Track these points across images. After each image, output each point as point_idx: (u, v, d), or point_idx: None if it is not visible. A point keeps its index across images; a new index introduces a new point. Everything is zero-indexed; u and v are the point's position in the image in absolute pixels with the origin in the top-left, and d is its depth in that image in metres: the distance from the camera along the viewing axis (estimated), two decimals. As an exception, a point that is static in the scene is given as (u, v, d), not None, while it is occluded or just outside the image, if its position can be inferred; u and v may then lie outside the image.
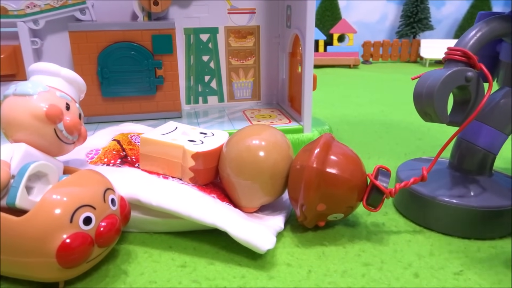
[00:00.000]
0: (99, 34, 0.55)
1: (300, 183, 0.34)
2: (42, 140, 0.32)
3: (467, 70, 0.34)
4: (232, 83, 0.66)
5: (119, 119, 0.58)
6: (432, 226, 0.37)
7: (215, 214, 0.33)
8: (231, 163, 0.36)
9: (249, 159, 0.36)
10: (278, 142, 0.37)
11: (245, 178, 0.36)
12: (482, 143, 0.39)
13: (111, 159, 0.40)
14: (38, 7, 0.55)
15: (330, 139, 0.36)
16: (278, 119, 0.59)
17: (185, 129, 0.42)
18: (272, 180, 0.36)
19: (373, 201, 0.34)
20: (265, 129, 0.38)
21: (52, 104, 0.31)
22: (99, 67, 0.55)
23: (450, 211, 0.36)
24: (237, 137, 0.38)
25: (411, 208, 0.39)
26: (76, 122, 0.33)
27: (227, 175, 0.37)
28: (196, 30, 0.62)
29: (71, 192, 0.29)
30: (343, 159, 0.34)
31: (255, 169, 0.35)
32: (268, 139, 0.37)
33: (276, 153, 0.36)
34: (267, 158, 0.36)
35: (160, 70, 0.57)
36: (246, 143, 0.36)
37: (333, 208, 0.34)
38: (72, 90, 0.35)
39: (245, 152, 0.36)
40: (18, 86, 0.32)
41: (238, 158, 0.36)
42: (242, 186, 0.36)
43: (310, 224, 0.36)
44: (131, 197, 0.34)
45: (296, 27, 0.57)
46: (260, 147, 0.36)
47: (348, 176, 0.34)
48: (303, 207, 0.34)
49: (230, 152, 0.37)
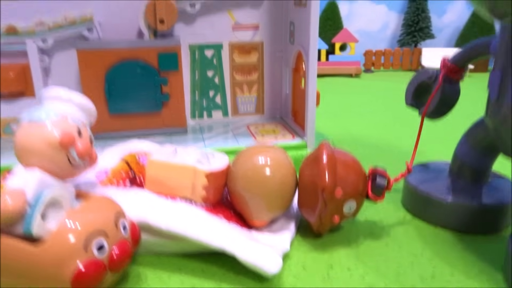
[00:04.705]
0: (106, 52, 0.56)
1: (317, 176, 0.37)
2: (55, 166, 0.32)
3: (430, 71, 0.45)
4: (236, 98, 0.67)
5: (125, 135, 0.59)
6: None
7: (223, 237, 0.34)
8: (241, 180, 0.38)
9: (257, 176, 0.38)
10: (281, 160, 0.39)
11: (254, 194, 0.38)
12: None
13: (120, 180, 0.41)
14: (47, 26, 0.56)
15: (332, 149, 0.39)
16: (282, 134, 0.60)
17: (185, 151, 0.43)
18: (279, 195, 0.38)
19: (376, 191, 0.39)
20: (268, 148, 0.40)
21: (65, 131, 0.32)
22: (107, 85, 0.56)
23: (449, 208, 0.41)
24: (244, 156, 0.40)
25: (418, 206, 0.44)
26: (87, 148, 0.34)
27: (238, 192, 0.39)
28: (201, 46, 0.63)
29: (84, 220, 0.30)
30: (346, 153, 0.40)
31: (263, 186, 0.38)
32: (273, 157, 0.39)
33: (281, 170, 0.38)
34: (273, 175, 0.38)
35: (166, 87, 0.58)
36: (253, 161, 0.38)
37: (348, 192, 0.37)
38: (83, 115, 0.36)
39: (251, 170, 0.38)
40: (32, 113, 0.33)
41: (246, 176, 0.38)
42: (252, 201, 0.38)
43: (326, 223, 0.38)
44: (140, 220, 0.35)
45: (300, 44, 0.58)
46: (266, 165, 0.38)
47: (356, 164, 0.39)
48: (323, 192, 0.37)
49: (239, 170, 0.39)
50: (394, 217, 0.44)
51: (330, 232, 0.41)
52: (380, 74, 1.34)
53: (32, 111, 0.33)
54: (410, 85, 0.48)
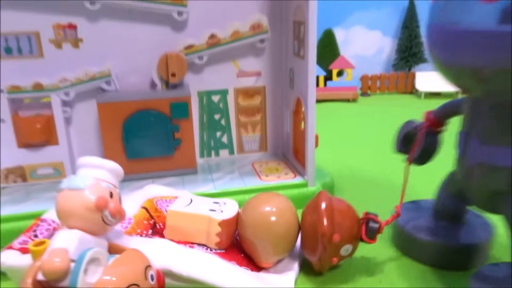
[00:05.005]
0: (123, 104, 0.61)
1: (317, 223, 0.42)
2: (91, 225, 0.38)
3: (416, 123, 0.50)
4: (242, 137, 0.73)
5: (141, 177, 0.64)
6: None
7: (236, 282, 0.40)
8: (250, 227, 0.44)
9: (264, 223, 0.44)
10: (284, 207, 0.45)
11: (262, 239, 0.44)
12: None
13: (143, 229, 0.46)
14: (69, 81, 0.62)
15: (330, 198, 0.45)
16: (285, 173, 0.65)
17: (200, 200, 0.49)
18: (283, 239, 0.44)
19: (369, 235, 0.44)
20: (272, 196, 0.46)
21: (99, 196, 0.38)
22: (124, 133, 0.62)
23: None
24: (251, 204, 0.46)
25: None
26: (118, 208, 0.39)
27: (247, 237, 0.45)
28: (209, 92, 0.69)
29: (119, 273, 0.35)
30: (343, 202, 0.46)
31: (269, 231, 0.44)
32: (277, 205, 0.45)
33: (285, 217, 0.44)
34: (278, 222, 0.44)
35: (178, 133, 0.64)
36: (260, 210, 0.45)
37: (345, 238, 0.43)
38: (113, 178, 0.41)
39: (260, 217, 0.44)
40: (71, 182, 0.38)
41: (255, 223, 0.44)
42: (260, 245, 0.44)
43: (326, 264, 0.43)
44: (164, 267, 0.40)
45: (299, 91, 0.64)
46: (272, 213, 0.44)
47: (351, 210, 0.45)
48: (323, 238, 0.42)
49: (248, 218, 0.45)
50: (386, 255, 0.49)
51: (330, 270, 0.47)
52: (376, 97, 1.40)
53: (70, 179, 0.39)
54: (398, 134, 0.53)
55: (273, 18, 0.67)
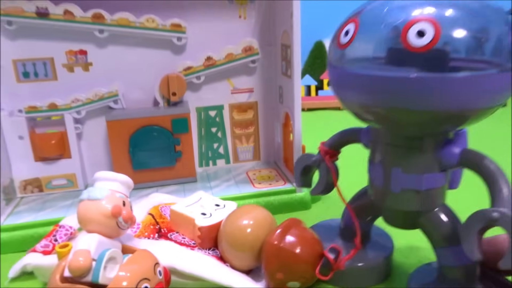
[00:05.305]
0: (130, 121, 0.68)
1: (264, 255, 0.46)
2: (108, 230, 0.45)
3: (313, 156, 0.53)
4: (237, 148, 0.80)
5: (146, 185, 0.71)
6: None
7: (231, 278, 0.47)
8: (226, 238, 0.50)
9: (240, 235, 0.48)
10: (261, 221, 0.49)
11: (236, 250, 0.49)
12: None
13: (150, 233, 0.53)
14: (81, 101, 0.69)
15: (291, 223, 0.48)
16: (275, 180, 0.72)
17: (205, 200, 0.56)
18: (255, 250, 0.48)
19: (323, 271, 0.46)
20: (253, 210, 0.51)
21: (114, 205, 0.45)
22: (131, 147, 0.69)
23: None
24: (232, 217, 0.51)
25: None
26: (130, 215, 0.46)
27: (223, 245, 0.50)
28: (206, 108, 0.76)
29: (133, 269, 0.42)
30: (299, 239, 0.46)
31: (243, 243, 0.48)
32: (256, 217, 0.50)
33: (261, 230, 0.48)
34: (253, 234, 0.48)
35: (179, 146, 0.71)
36: (238, 223, 0.49)
37: (289, 277, 0.45)
38: (125, 189, 0.48)
39: (237, 230, 0.49)
40: (90, 193, 0.45)
41: (231, 235, 0.49)
42: (233, 254, 0.49)
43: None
44: (169, 265, 0.47)
45: (287, 106, 0.71)
46: (248, 226, 0.49)
47: (300, 253, 0.45)
48: (266, 274, 0.46)
49: (226, 229, 0.50)
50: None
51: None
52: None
53: (90, 190, 0.46)
54: (296, 169, 0.54)
55: (263, 41, 0.74)
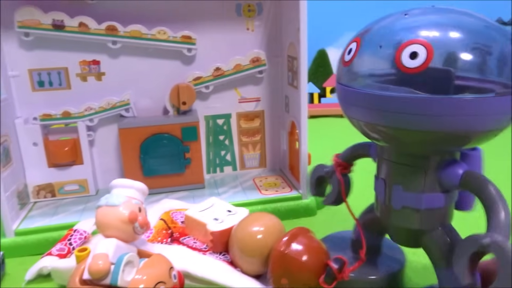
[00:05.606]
0: (141, 129, 0.71)
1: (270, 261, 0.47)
2: (125, 234, 0.47)
3: (326, 167, 0.55)
4: (243, 155, 0.82)
5: (156, 191, 0.73)
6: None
7: (241, 282, 0.49)
8: (237, 243, 0.51)
9: (250, 241, 0.50)
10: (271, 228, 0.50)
11: (246, 255, 0.50)
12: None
13: (163, 238, 0.55)
14: (93, 110, 0.71)
15: (299, 231, 0.48)
16: (282, 187, 0.74)
17: (218, 206, 0.58)
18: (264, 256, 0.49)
19: (327, 280, 0.46)
20: (263, 217, 0.52)
21: (131, 211, 0.47)
22: (142, 154, 0.71)
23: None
24: (243, 223, 0.52)
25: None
26: (146, 220, 0.48)
27: (234, 250, 0.51)
28: (214, 116, 0.79)
29: (149, 273, 0.44)
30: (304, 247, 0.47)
31: (253, 249, 0.49)
32: (266, 224, 0.51)
33: (270, 237, 0.49)
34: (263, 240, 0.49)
35: (188, 153, 0.73)
36: (249, 229, 0.51)
37: (293, 283, 0.46)
38: (140, 195, 0.50)
39: (247, 236, 0.50)
40: (108, 200, 0.47)
41: (241, 241, 0.50)
42: (243, 259, 0.51)
43: None
44: (183, 270, 0.49)
45: (293, 116, 0.73)
46: (258, 232, 0.50)
47: (305, 261, 0.46)
48: (272, 280, 0.47)
49: (237, 234, 0.51)
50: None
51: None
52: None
53: (107, 197, 0.48)
54: (311, 179, 0.57)
55: (270, 53, 0.76)
